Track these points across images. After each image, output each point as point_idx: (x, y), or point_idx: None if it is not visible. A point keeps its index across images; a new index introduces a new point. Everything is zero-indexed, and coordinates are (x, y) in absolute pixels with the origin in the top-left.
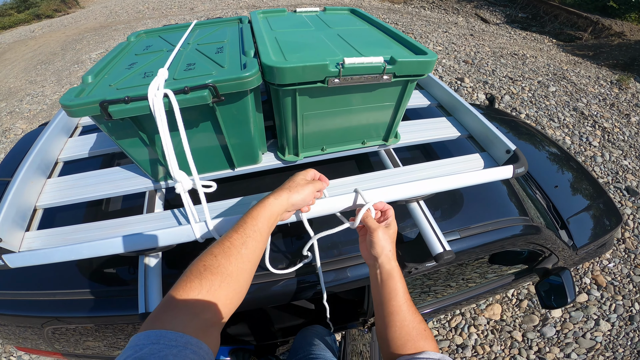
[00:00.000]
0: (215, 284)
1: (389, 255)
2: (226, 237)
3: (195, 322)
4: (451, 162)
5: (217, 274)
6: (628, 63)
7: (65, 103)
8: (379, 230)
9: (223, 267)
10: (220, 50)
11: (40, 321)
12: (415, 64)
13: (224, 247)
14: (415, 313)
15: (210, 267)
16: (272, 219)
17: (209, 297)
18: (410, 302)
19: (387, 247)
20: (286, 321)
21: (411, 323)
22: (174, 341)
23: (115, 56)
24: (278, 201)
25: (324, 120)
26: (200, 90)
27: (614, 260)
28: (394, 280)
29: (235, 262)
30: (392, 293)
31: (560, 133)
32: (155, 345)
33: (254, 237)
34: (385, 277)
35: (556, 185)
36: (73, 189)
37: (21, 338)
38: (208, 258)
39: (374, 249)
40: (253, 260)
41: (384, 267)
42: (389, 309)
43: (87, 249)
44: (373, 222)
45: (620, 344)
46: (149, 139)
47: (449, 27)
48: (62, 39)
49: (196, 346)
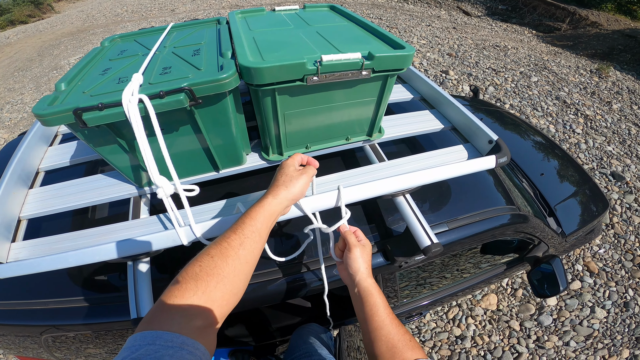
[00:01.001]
0: (210, 286)
1: (365, 273)
2: (223, 237)
3: (191, 323)
4: (435, 155)
5: (213, 275)
6: (606, 52)
7: (38, 112)
8: (358, 248)
9: (219, 269)
10: (197, 53)
11: (38, 330)
12: (394, 59)
13: (221, 247)
14: (399, 326)
15: (206, 268)
16: (271, 218)
17: (205, 298)
18: (393, 315)
19: (363, 265)
20: (284, 320)
21: (396, 335)
22: (170, 342)
23: (88, 62)
24: (277, 200)
25: (306, 119)
26: (176, 94)
27: (604, 246)
28: (373, 297)
29: (232, 264)
30: (373, 309)
31: (544, 122)
32: (151, 346)
33: (252, 238)
34: (364, 294)
35: (542, 173)
36: (56, 199)
37: (22, 347)
38: (204, 259)
39: (351, 266)
40: (251, 262)
41: (362, 285)
42: (372, 325)
43: (73, 257)
44: (353, 238)
45: (618, 330)
46: (128, 145)
47: (432, 21)
48: (39, 44)
49: (192, 347)
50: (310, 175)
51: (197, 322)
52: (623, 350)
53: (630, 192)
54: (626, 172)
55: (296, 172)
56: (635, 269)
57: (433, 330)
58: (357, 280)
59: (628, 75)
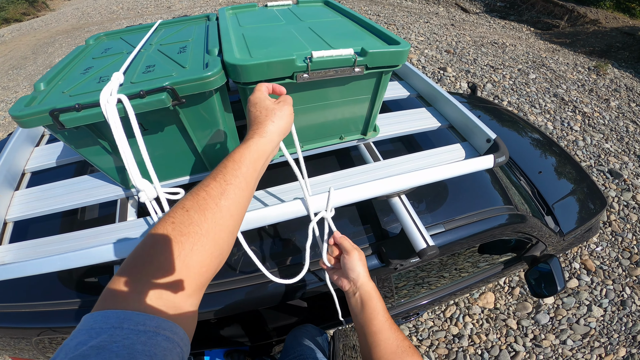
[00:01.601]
0: (186, 248)
1: (366, 277)
2: (201, 185)
3: (164, 298)
4: (432, 154)
5: (188, 235)
6: (604, 50)
7: (14, 114)
8: (356, 252)
9: (196, 225)
10: (183, 50)
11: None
12: (388, 55)
13: (199, 198)
14: (398, 331)
15: (180, 224)
16: (259, 161)
17: (179, 264)
18: (391, 320)
19: (363, 269)
20: (280, 320)
21: (395, 341)
22: (141, 325)
23: (70, 61)
24: (265, 138)
25: (298, 117)
26: (158, 93)
27: (601, 244)
28: (373, 300)
29: (213, 218)
30: (373, 313)
31: (542, 119)
32: (117, 330)
33: (236, 185)
34: (365, 298)
35: (540, 171)
36: (42, 200)
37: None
38: (178, 213)
39: (352, 271)
40: (236, 215)
41: (364, 288)
42: (371, 329)
43: (59, 261)
44: (350, 243)
45: (615, 329)
46: (111, 146)
47: (430, 18)
48: (33, 42)
49: (170, 330)
50: (291, 104)
51: (171, 296)
52: (620, 348)
53: (627, 189)
54: (624, 169)
55: (275, 103)
56: (633, 267)
57: (430, 329)
58: (360, 284)
59: (626, 73)
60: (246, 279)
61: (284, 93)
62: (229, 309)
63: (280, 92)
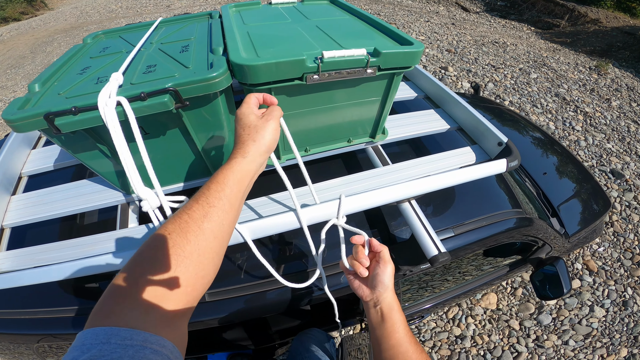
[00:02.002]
0: (170, 270)
1: (392, 290)
2: (184, 209)
3: (151, 315)
4: (442, 158)
5: (171, 257)
6: (605, 49)
7: (7, 117)
8: (390, 265)
9: (178, 248)
10: (186, 49)
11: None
12: (401, 56)
13: (181, 221)
14: (417, 344)
15: (162, 248)
16: (243, 181)
17: (164, 285)
18: (411, 333)
19: (392, 282)
20: (283, 323)
21: (414, 354)
22: (128, 339)
23: (67, 60)
24: (247, 158)
25: (305, 120)
26: (160, 95)
27: (603, 244)
28: (395, 313)
29: (195, 240)
30: (394, 326)
31: (544, 119)
32: (105, 346)
33: (220, 207)
34: (387, 310)
35: (545, 172)
36: (40, 206)
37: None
38: (160, 237)
39: (382, 284)
40: (220, 236)
41: (386, 301)
42: (391, 342)
43: (56, 271)
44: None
45: (617, 329)
46: (110, 150)
47: (430, 17)
48: (32, 42)
49: (157, 344)
50: (277, 117)
51: (159, 314)
52: (621, 349)
53: (629, 189)
54: (626, 169)
55: (259, 119)
56: (634, 267)
57: (433, 330)
58: (383, 297)
59: (627, 73)
60: (250, 286)
61: (275, 104)
62: (233, 317)
63: (272, 102)
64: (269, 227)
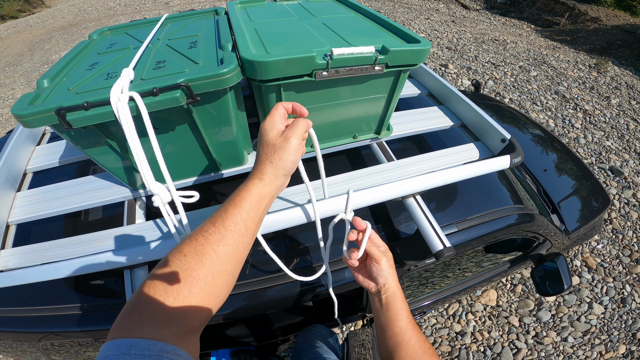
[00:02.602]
0: (184, 291)
1: (394, 280)
2: (200, 230)
3: (167, 329)
4: (446, 154)
5: (186, 279)
6: (605, 47)
7: (17, 113)
8: (384, 259)
9: (193, 270)
10: (194, 45)
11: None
12: (409, 53)
13: (197, 244)
14: (420, 332)
15: (177, 269)
16: (260, 205)
17: (179, 304)
18: (414, 322)
19: (392, 273)
20: (285, 320)
21: (417, 342)
22: (146, 350)
23: (74, 56)
24: (264, 181)
25: (312, 116)
26: (172, 91)
27: (602, 241)
28: (398, 302)
29: (210, 264)
30: (397, 314)
31: (544, 116)
32: (126, 357)
33: (236, 231)
34: (390, 299)
35: (545, 169)
36: (45, 202)
37: (19, 351)
38: (176, 258)
39: (381, 277)
40: (235, 259)
41: (389, 291)
42: (394, 330)
43: (65, 268)
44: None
45: (615, 326)
46: (119, 146)
47: (430, 14)
48: (29, 39)
49: (173, 353)
50: (301, 134)
51: (174, 328)
52: (619, 346)
53: (628, 187)
54: (624, 167)
55: (280, 137)
56: (633, 264)
57: (433, 326)
58: (386, 287)
59: (626, 71)
60: (255, 282)
61: (304, 115)
62: (239, 313)
63: (301, 113)
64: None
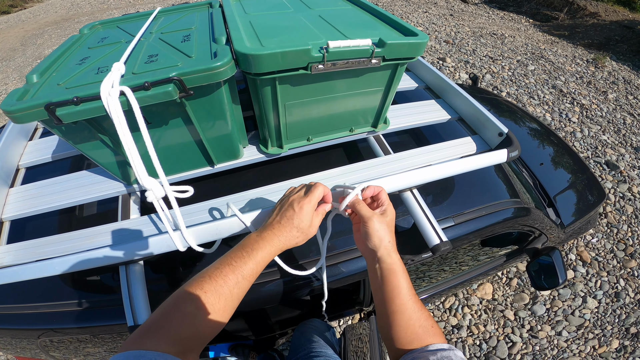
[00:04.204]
0: (199, 318)
1: (388, 247)
2: (220, 273)
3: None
4: (443, 147)
5: (202, 310)
6: (603, 43)
7: (6, 108)
8: (374, 218)
9: (210, 305)
10: (187, 39)
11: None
12: (406, 46)
13: (217, 285)
14: (422, 309)
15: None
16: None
17: (192, 329)
18: (416, 297)
19: (385, 237)
20: (283, 314)
21: (417, 321)
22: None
23: (65, 51)
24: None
25: (308, 109)
26: (164, 84)
27: (597, 235)
28: (396, 276)
29: (224, 302)
30: (395, 290)
31: (541, 110)
32: None
33: (249, 280)
34: (386, 273)
35: (541, 163)
36: (39, 198)
37: (19, 348)
38: (196, 293)
39: (370, 240)
40: (241, 298)
41: (384, 262)
42: (392, 308)
43: (59, 264)
44: (366, 208)
45: (608, 321)
46: (112, 141)
47: (428, 7)
48: (21, 34)
49: None
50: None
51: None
52: (613, 340)
53: (624, 181)
54: (620, 161)
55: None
56: (627, 258)
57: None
58: (380, 255)
59: (624, 66)
60: None
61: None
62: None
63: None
64: None
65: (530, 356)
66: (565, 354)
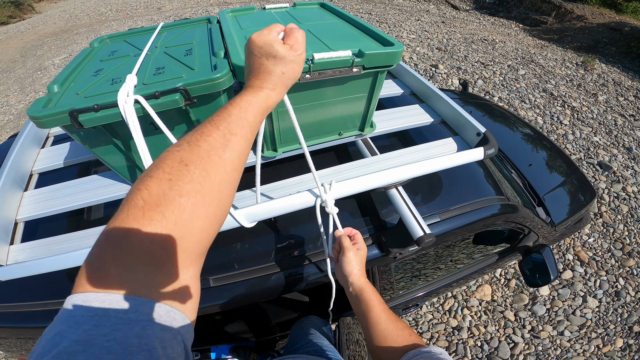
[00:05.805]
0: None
1: (357, 274)
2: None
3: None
4: (426, 148)
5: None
6: (592, 45)
7: (33, 115)
8: (351, 251)
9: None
10: (190, 52)
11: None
12: (383, 56)
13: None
14: (396, 321)
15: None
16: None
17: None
18: (389, 311)
19: (356, 266)
20: (284, 315)
21: (394, 331)
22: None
23: (79, 63)
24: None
25: (299, 115)
26: (172, 94)
27: (593, 235)
28: (366, 294)
29: (215, 173)
30: (368, 306)
31: (532, 113)
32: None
33: (242, 135)
34: (358, 292)
35: (530, 164)
36: (52, 200)
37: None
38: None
39: (344, 268)
40: (238, 169)
41: (355, 285)
42: (368, 321)
43: (73, 258)
44: (348, 242)
45: (610, 320)
46: (124, 145)
47: (421, 15)
48: (21, 45)
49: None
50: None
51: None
52: (617, 339)
53: (617, 181)
54: (613, 161)
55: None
56: (625, 257)
57: (430, 321)
58: (351, 280)
59: (613, 68)
60: (250, 271)
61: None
62: (234, 302)
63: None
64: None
65: (534, 356)
66: (569, 353)
